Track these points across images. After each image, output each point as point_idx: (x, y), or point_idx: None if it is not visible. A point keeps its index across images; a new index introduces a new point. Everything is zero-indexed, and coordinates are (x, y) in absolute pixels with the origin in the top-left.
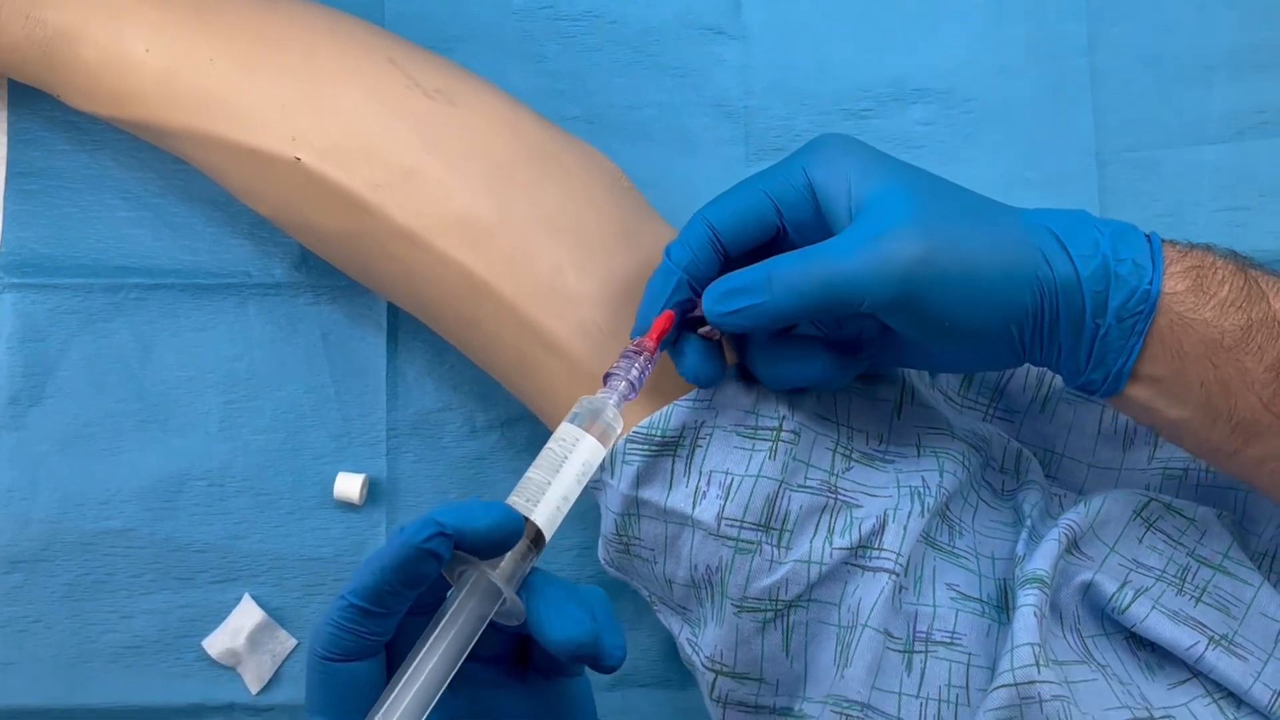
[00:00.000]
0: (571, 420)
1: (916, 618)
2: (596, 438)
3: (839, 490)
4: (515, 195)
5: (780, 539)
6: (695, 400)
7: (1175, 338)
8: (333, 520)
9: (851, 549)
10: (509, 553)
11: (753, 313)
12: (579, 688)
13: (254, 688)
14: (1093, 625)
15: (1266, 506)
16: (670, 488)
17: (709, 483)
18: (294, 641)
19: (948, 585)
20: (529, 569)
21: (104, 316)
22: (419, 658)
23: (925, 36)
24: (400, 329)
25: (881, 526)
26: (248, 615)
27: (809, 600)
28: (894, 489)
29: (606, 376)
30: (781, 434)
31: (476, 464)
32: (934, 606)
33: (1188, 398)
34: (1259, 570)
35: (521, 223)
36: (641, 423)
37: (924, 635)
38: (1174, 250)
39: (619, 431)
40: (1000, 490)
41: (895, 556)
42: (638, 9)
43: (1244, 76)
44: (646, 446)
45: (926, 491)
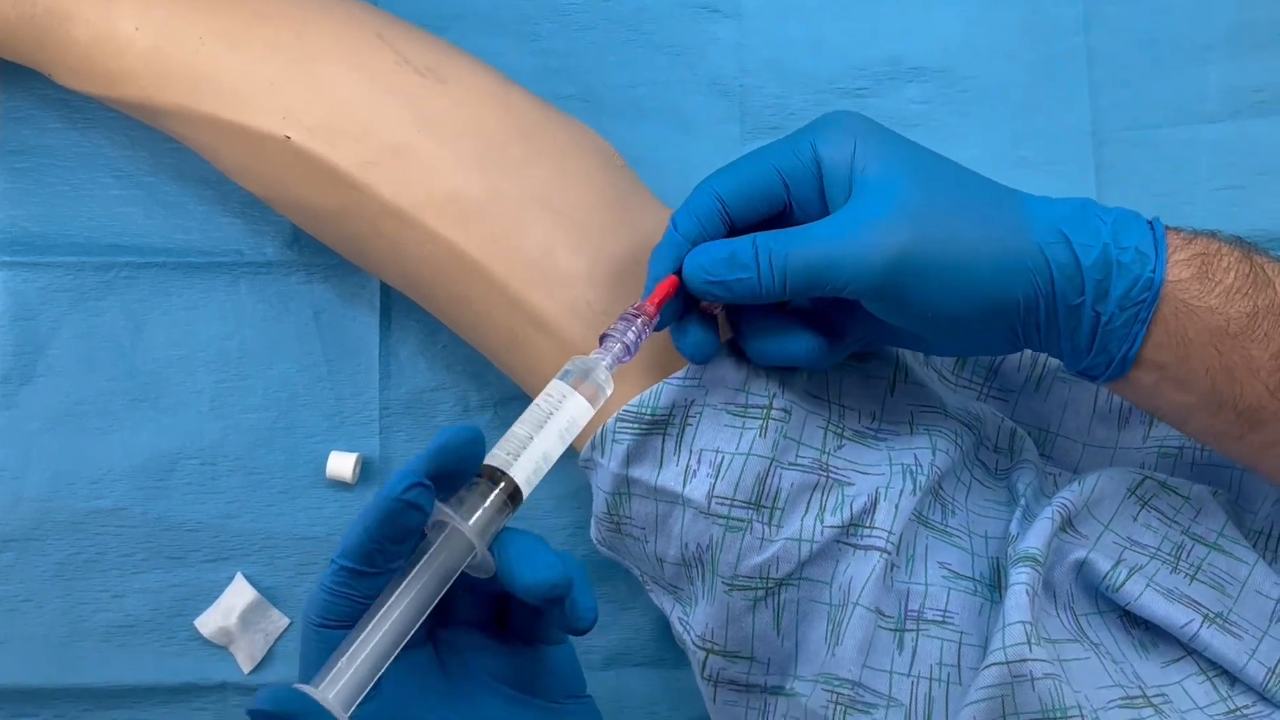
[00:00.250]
0: (562, 378)
1: (908, 596)
2: (586, 398)
3: (830, 468)
4: (506, 173)
5: (771, 517)
6: (685, 378)
7: (1179, 325)
8: (325, 499)
9: (843, 527)
10: (482, 506)
11: (737, 286)
12: (562, 654)
13: (246, 667)
14: (1086, 603)
15: (1262, 485)
16: (660, 466)
17: (699, 461)
18: (286, 620)
19: (940, 564)
20: (503, 524)
21: (95, 295)
22: (385, 606)
23: (921, 15)
24: (393, 308)
25: (873, 505)
26: (240, 594)
27: (800, 578)
28: (886, 467)
29: (602, 338)
30: (772, 412)
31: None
32: (926, 585)
33: (1192, 384)
34: (1254, 548)
35: (512, 201)
36: (631, 401)
37: (915, 614)
38: (1178, 237)
39: (609, 394)
40: (994, 469)
41: (887, 535)
42: None
43: (1240, 55)
44: (636, 425)
45: (919, 469)
